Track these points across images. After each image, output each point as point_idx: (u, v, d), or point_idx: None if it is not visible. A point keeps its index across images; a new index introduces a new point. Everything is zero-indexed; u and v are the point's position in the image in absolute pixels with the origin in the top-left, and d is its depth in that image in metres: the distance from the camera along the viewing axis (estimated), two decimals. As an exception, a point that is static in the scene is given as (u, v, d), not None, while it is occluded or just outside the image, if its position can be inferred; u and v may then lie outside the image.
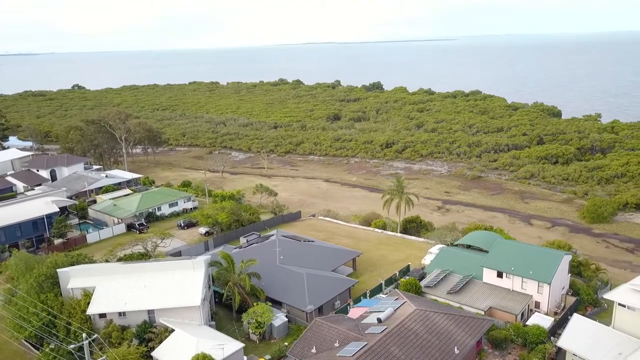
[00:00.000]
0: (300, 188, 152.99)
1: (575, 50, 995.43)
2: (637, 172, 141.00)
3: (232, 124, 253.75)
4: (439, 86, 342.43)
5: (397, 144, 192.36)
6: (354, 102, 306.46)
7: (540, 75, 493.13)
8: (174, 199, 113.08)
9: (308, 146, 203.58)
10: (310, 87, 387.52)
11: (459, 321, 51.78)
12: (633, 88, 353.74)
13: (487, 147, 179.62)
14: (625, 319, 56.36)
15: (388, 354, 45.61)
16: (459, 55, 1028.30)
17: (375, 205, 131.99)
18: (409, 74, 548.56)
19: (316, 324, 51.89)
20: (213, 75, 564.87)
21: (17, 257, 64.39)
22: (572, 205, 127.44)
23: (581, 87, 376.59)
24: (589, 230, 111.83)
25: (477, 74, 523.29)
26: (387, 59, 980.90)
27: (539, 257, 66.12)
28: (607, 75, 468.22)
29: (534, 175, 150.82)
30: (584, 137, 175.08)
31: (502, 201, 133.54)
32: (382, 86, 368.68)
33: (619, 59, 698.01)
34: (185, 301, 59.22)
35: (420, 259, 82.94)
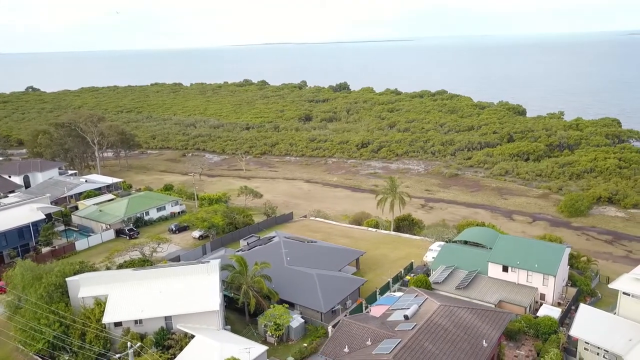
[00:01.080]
0: (281, 189, 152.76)
1: (537, 51, 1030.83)
2: (604, 167, 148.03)
3: (203, 126, 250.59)
4: (403, 86, 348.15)
5: (372, 144, 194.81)
6: (323, 102, 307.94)
7: (500, 75, 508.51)
8: (161, 203, 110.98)
9: (284, 147, 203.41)
10: (277, 87, 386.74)
11: (481, 315, 53.50)
12: (590, 87, 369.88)
13: (461, 145, 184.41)
14: (629, 307, 59.48)
15: (422, 350, 46.71)
16: (423, 55, 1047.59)
17: (359, 204, 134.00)
18: (372, 74, 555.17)
19: (344, 323, 52.44)
20: (170, 76, 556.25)
21: (22, 266, 61.90)
22: (549, 200, 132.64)
23: (540, 86, 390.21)
24: (568, 223, 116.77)
25: (439, 74, 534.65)
26: (348, 59, 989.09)
27: (542, 250, 68.93)
28: (565, 75, 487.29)
29: (508, 172, 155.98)
30: (552, 135, 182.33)
31: (482, 198, 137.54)
32: (348, 87, 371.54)
33: (577, 60, 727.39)
34: (204, 306, 58.61)
35: (419, 257, 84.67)
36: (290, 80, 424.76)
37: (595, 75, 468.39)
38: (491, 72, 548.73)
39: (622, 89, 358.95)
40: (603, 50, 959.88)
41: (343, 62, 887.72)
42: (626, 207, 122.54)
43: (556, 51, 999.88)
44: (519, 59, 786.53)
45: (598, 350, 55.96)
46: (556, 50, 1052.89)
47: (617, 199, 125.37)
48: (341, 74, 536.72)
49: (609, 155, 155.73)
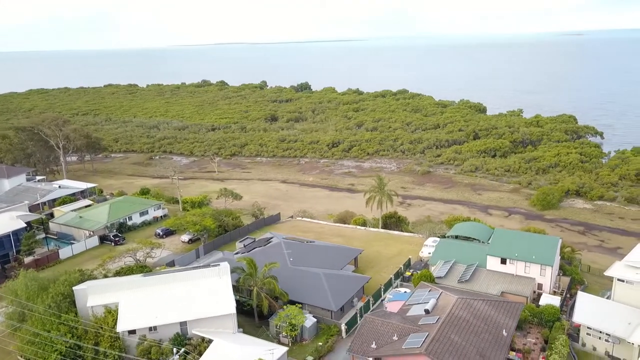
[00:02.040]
0: (258, 190, 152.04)
1: (494, 50, 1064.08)
2: (568, 162, 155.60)
3: (167, 128, 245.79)
4: (359, 85, 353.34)
5: (343, 144, 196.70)
6: (287, 102, 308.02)
7: (458, 74, 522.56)
8: (144, 208, 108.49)
9: (254, 148, 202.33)
10: (238, 88, 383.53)
11: (496, 306, 55.76)
12: (543, 86, 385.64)
13: (429, 143, 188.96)
14: (624, 293, 63.35)
15: (449, 342, 48.32)
16: (380, 55, 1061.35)
17: (340, 203, 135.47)
18: (329, 74, 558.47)
19: (368, 320, 53.41)
20: (123, 77, 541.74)
21: (26, 277, 59.35)
22: (520, 195, 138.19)
23: (496, 85, 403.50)
24: (541, 216, 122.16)
25: (396, 73, 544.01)
26: (302, 60, 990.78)
27: (537, 242, 72.28)
28: (518, 74, 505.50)
29: (478, 168, 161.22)
30: (515, 131, 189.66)
31: (457, 194, 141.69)
32: (310, 87, 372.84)
33: (528, 59, 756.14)
34: (220, 309, 58.21)
35: (413, 253, 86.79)
36: (249, 81, 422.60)
37: (542, 74, 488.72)
38: (448, 71, 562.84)
39: (570, 87, 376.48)
40: (546, 50, 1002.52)
41: (298, 62, 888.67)
42: (592, 199, 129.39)
43: (508, 51, 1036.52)
44: (469, 59, 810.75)
45: (600, 334, 59.36)
46: (508, 49, 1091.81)
47: (584, 192, 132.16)
48: (298, 73, 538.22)
49: (571, 151, 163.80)
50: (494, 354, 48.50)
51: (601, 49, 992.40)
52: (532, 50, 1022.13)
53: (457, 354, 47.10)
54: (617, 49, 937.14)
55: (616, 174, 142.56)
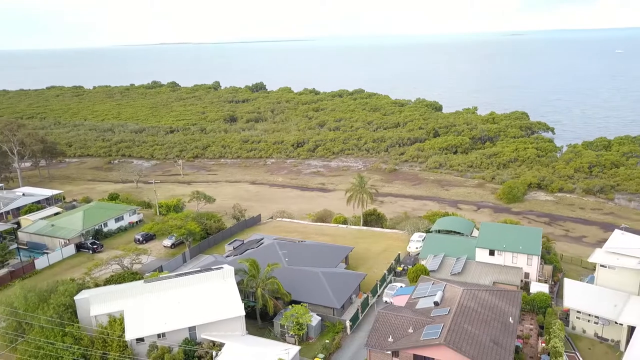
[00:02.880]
0: (228, 192, 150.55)
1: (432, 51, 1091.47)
2: (526, 157, 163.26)
3: (122, 131, 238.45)
4: (308, 84, 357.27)
5: (307, 143, 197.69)
6: (244, 103, 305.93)
7: (408, 73, 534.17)
8: (119, 213, 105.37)
9: (217, 149, 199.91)
10: (191, 89, 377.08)
11: (498, 295, 58.40)
12: (491, 84, 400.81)
13: (392, 141, 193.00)
14: (606, 277, 67.73)
15: (464, 331, 50.30)
16: (322, 56, 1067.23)
17: (313, 203, 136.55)
18: (280, 73, 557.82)
19: (381, 315, 54.58)
20: (64, 79, 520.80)
21: (24, 288, 56.63)
22: (485, 189, 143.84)
23: (447, 84, 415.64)
24: (508, 209, 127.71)
25: (347, 73, 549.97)
26: (251, 59, 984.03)
27: (522, 234, 76.09)
28: (467, 73, 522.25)
29: (442, 165, 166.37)
30: (473, 128, 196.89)
31: (425, 190, 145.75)
32: (265, 87, 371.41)
33: (475, 58, 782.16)
34: (229, 312, 57.87)
35: (399, 248, 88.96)
36: (200, 81, 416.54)
37: (489, 73, 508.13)
38: (397, 71, 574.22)
39: (516, 85, 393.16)
40: (490, 50, 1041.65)
41: (247, 62, 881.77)
42: (553, 191, 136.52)
43: (455, 50, 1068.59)
44: (418, 59, 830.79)
45: (589, 317, 63.31)
46: (455, 49, 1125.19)
47: (545, 185, 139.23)
48: (247, 73, 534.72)
49: (528, 146, 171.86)
50: (505, 341, 50.96)
51: (541, 48, 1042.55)
52: (478, 50, 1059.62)
53: (473, 343, 49.16)
54: (555, 48, 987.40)
55: (571, 167, 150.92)
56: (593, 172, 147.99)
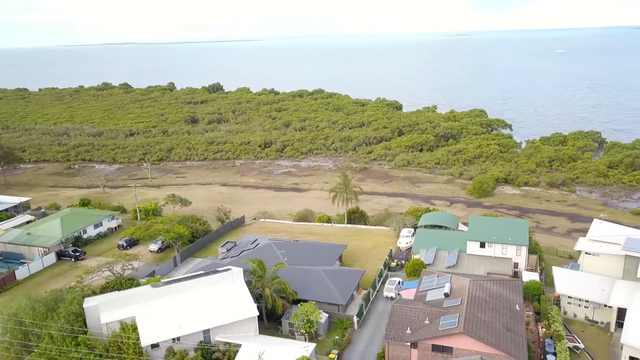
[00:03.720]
0: (200, 195, 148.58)
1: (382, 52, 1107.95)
2: (489, 153, 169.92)
3: (78, 134, 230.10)
4: (263, 84, 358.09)
5: (275, 144, 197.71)
6: (202, 104, 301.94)
7: (364, 74, 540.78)
8: (98, 219, 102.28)
9: (182, 152, 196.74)
10: (145, 90, 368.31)
11: (501, 285, 61.22)
12: (446, 83, 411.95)
13: (359, 140, 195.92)
14: (591, 264, 72.32)
15: (478, 320, 52.64)
16: (269, 56, 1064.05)
17: (289, 203, 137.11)
18: (233, 73, 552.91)
19: (396, 308, 56.12)
20: (5, 81, 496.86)
21: (30, 299, 54.35)
22: (455, 185, 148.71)
23: (403, 83, 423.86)
24: (480, 203, 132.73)
25: (295, 73, 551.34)
26: (204, 60, 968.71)
27: (509, 226, 79.83)
28: (421, 72, 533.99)
29: (410, 163, 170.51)
30: (436, 126, 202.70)
31: (398, 187, 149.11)
32: (222, 87, 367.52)
33: (427, 58, 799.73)
34: (243, 313, 57.96)
35: (387, 244, 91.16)
36: (153, 82, 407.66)
37: (442, 72, 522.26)
38: (352, 71, 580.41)
39: (469, 84, 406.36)
40: (440, 50, 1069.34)
41: (198, 63, 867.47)
42: (519, 185, 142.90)
43: (401, 51, 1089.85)
44: (371, 59, 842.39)
45: (580, 302, 67.36)
46: (401, 50, 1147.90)
47: (511, 179, 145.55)
48: (201, 74, 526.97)
49: (490, 142, 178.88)
50: (516, 327, 53.70)
51: (488, 48, 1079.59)
52: (427, 50, 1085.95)
53: (488, 330, 51.56)
54: (501, 48, 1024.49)
55: (532, 161, 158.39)
56: (553, 166, 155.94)
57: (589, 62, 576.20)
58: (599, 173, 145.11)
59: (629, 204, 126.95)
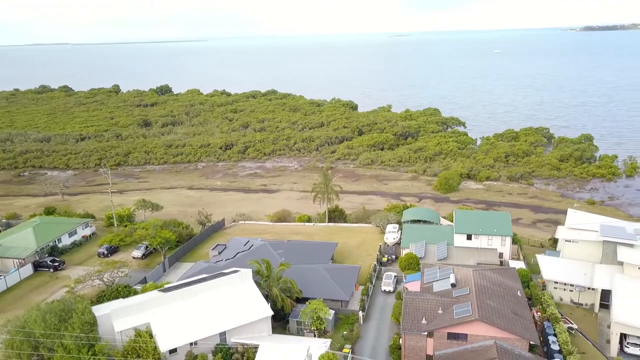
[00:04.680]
0: (168, 199, 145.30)
1: (323, 52, 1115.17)
2: (449, 150, 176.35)
3: (23, 140, 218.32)
4: (214, 85, 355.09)
5: (236, 145, 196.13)
6: (153, 106, 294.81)
7: (314, 74, 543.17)
8: (72, 227, 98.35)
9: (140, 156, 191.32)
10: (88, 93, 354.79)
11: (500, 273, 64.61)
12: (393, 83, 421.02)
13: (321, 140, 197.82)
14: (570, 250, 77.50)
15: (489, 307, 55.52)
16: (211, 57, 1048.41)
17: (261, 204, 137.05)
18: (170, 74, 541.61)
19: (408, 300, 58.11)
20: None
21: (41, 310, 51.87)
22: (420, 181, 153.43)
23: (352, 83, 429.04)
24: (447, 198, 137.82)
25: (241, 74, 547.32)
26: (143, 61, 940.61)
27: (493, 218, 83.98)
28: (368, 72, 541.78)
29: (374, 161, 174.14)
30: (395, 125, 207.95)
31: (366, 185, 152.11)
32: (171, 89, 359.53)
33: (371, 59, 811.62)
34: (258, 314, 58.16)
35: (373, 241, 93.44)
36: (95, 84, 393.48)
37: (388, 72, 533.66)
38: (302, 71, 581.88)
39: (417, 84, 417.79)
40: (382, 51, 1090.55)
41: (139, 64, 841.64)
42: (481, 180, 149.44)
43: (339, 51, 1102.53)
44: (312, 59, 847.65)
45: (565, 286, 72.10)
46: (339, 50, 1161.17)
47: (473, 174, 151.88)
48: (145, 75, 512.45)
49: (448, 140, 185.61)
50: (522, 311, 57.06)
51: (428, 48, 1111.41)
52: (369, 50, 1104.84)
53: (499, 316, 54.56)
54: (442, 49, 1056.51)
55: (490, 157, 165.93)
56: (509, 161, 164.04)
57: (524, 62, 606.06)
58: (552, 166, 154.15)
59: (583, 194, 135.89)
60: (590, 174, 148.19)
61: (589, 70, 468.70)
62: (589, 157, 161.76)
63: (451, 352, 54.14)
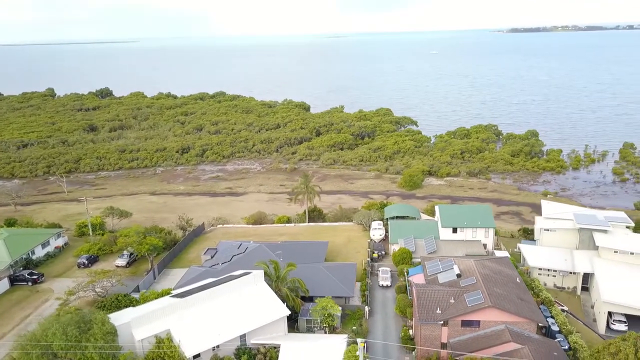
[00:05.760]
0: (131, 206, 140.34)
1: (258, 52, 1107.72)
2: (406, 148, 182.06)
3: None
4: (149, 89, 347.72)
5: (193, 149, 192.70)
6: (95, 110, 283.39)
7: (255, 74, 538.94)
8: (45, 239, 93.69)
9: (92, 162, 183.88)
10: (21, 97, 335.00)
11: (497, 262, 68.39)
12: (341, 84, 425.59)
13: (280, 142, 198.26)
14: (548, 238, 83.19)
15: (497, 294, 58.86)
16: (141, 58, 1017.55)
17: (230, 207, 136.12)
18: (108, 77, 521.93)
19: (420, 292, 60.41)
20: None
21: (61, 323, 49.41)
22: (385, 180, 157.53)
23: (298, 84, 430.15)
24: (413, 195, 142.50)
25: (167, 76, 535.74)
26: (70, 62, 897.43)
27: (475, 211, 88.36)
28: (309, 73, 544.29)
29: (335, 161, 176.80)
30: (351, 125, 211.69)
31: (333, 185, 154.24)
32: (112, 92, 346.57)
33: (302, 60, 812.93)
34: (275, 314, 58.56)
35: (359, 238, 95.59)
36: (24, 88, 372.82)
37: (330, 74, 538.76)
38: (243, 72, 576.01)
39: (362, 85, 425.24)
40: (321, 51, 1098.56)
41: (68, 66, 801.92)
42: (442, 176, 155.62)
43: (273, 52, 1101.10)
44: (245, 60, 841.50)
45: (548, 272, 77.35)
46: (273, 51, 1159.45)
47: (434, 171, 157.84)
48: (76, 78, 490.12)
49: (405, 139, 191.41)
50: (526, 297, 60.95)
51: (367, 49, 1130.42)
52: (307, 51, 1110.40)
53: (508, 301, 58.06)
54: (379, 50, 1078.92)
55: (447, 154, 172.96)
56: (465, 157, 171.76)
57: (461, 62, 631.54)
58: (505, 161, 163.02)
59: (538, 186, 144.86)
60: (541, 168, 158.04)
61: (524, 70, 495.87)
62: (537, 152, 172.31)
63: (465, 338, 57.11)
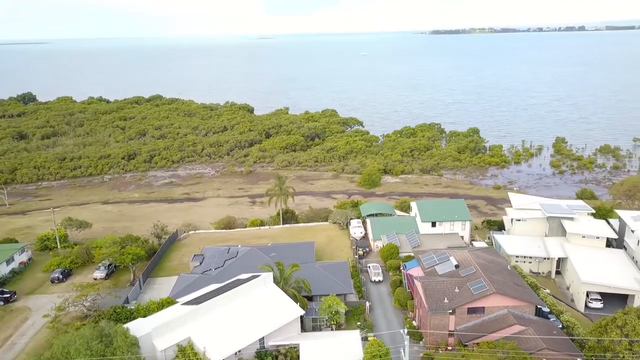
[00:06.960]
0: (85, 216, 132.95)
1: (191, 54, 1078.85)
2: (358, 148, 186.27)
3: None
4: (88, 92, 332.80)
5: (140, 155, 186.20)
6: (20, 117, 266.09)
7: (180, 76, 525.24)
8: (8, 255, 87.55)
9: (30, 172, 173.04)
10: None
11: (486, 252, 72.57)
12: (280, 85, 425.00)
13: (230, 145, 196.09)
14: (520, 228, 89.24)
15: (496, 281, 62.62)
16: (63, 60, 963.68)
17: (192, 213, 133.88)
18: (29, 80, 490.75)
19: (426, 284, 62.93)
20: None
21: (81, 336, 46.72)
22: (343, 179, 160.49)
23: (231, 85, 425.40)
24: (373, 193, 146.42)
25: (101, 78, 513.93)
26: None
27: (451, 205, 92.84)
28: (243, 75, 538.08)
29: (290, 163, 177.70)
30: (301, 127, 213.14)
31: (294, 186, 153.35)
32: (35, 97, 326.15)
33: (237, 61, 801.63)
34: (290, 315, 58.96)
35: (339, 237, 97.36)
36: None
37: (262, 74, 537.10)
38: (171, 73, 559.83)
39: (303, 86, 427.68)
40: (250, 53, 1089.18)
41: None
42: (397, 174, 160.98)
43: (212, 53, 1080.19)
44: (180, 62, 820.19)
45: (524, 258, 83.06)
46: (212, 52, 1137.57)
47: (389, 169, 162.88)
48: None
49: (355, 139, 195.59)
50: (519, 282, 65.40)
51: (296, 50, 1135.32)
52: (237, 53, 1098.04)
53: (507, 287, 62.07)
54: (307, 51, 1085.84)
55: (397, 153, 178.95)
56: (414, 155, 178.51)
57: (391, 63, 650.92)
58: (453, 158, 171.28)
59: (487, 181, 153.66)
60: (486, 163, 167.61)
61: (452, 71, 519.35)
62: (481, 148, 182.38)
63: (472, 324, 60.44)
